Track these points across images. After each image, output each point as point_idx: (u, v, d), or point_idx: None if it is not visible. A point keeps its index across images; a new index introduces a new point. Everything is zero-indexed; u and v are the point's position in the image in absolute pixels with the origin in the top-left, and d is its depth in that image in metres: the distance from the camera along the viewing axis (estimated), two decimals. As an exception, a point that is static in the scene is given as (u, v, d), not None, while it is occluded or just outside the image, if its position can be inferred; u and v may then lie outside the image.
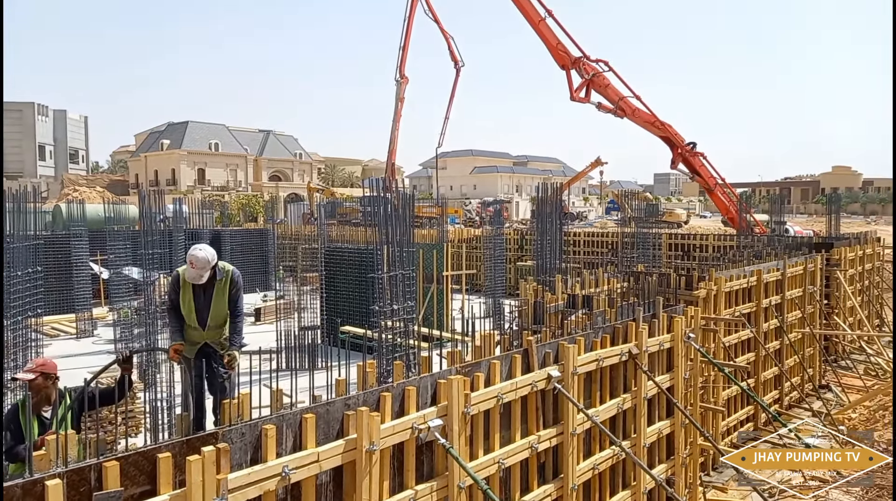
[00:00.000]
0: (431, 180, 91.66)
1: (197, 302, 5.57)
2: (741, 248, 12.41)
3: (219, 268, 5.65)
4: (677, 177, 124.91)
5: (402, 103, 43.68)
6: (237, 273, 5.75)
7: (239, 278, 5.74)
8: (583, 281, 7.24)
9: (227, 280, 5.66)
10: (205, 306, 5.57)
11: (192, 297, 5.56)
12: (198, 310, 5.57)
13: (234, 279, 5.69)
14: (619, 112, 19.74)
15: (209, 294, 5.59)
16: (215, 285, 5.59)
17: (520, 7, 19.32)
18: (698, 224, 50.94)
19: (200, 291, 5.58)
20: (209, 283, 5.58)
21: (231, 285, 5.67)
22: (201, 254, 5.41)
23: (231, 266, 5.81)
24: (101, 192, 57.86)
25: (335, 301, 12.79)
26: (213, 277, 5.60)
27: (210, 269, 5.48)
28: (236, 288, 5.69)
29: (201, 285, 5.56)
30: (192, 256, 5.40)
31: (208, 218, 20.81)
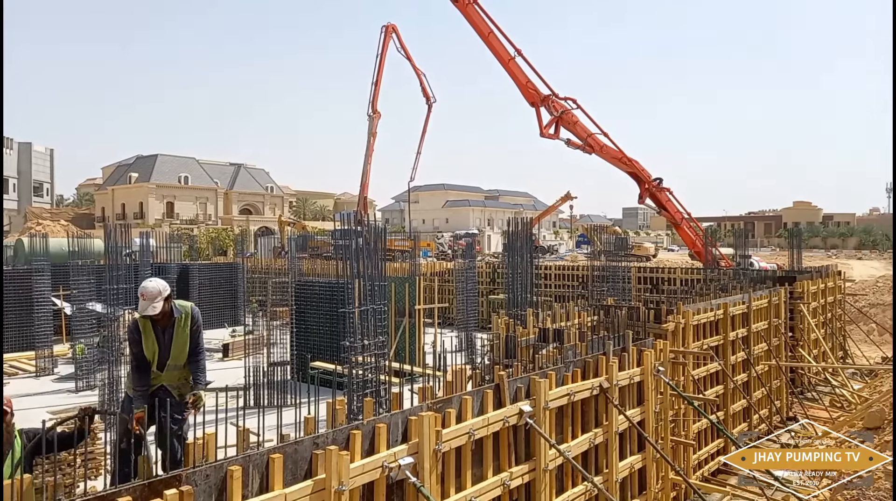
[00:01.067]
0: (404, 214, 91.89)
1: (160, 342, 5.40)
2: (708, 281, 12.63)
3: (176, 306, 5.48)
4: (645, 211, 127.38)
5: (374, 138, 44.06)
6: (196, 309, 5.60)
7: (198, 314, 5.58)
8: (554, 315, 7.28)
9: (187, 317, 5.49)
10: (165, 346, 5.41)
11: (154, 338, 5.39)
12: (161, 350, 5.41)
13: (193, 316, 5.53)
14: (587, 148, 20.15)
15: (169, 334, 5.43)
16: (175, 324, 5.44)
17: (490, 46, 19.76)
18: (666, 258, 51.82)
19: (160, 332, 5.41)
20: (168, 322, 5.43)
21: (192, 322, 5.51)
22: (151, 285, 5.25)
23: (189, 303, 5.65)
24: (66, 225, 56.61)
25: (305, 336, 12.62)
26: (171, 315, 5.44)
27: (162, 300, 5.28)
28: (196, 325, 5.53)
29: (161, 326, 5.40)
30: (142, 287, 5.23)
31: (176, 252, 20.50)
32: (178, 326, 5.42)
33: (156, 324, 5.39)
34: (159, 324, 5.40)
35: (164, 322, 5.40)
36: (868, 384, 11.21)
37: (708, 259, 18.30)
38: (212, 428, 3.18)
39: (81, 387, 11.70)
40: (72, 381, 12.02)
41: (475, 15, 19.45)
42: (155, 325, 5.39)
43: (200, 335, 5.52)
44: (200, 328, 5.53)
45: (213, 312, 19.65)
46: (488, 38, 19.69)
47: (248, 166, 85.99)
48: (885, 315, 19.29)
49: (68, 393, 11.49)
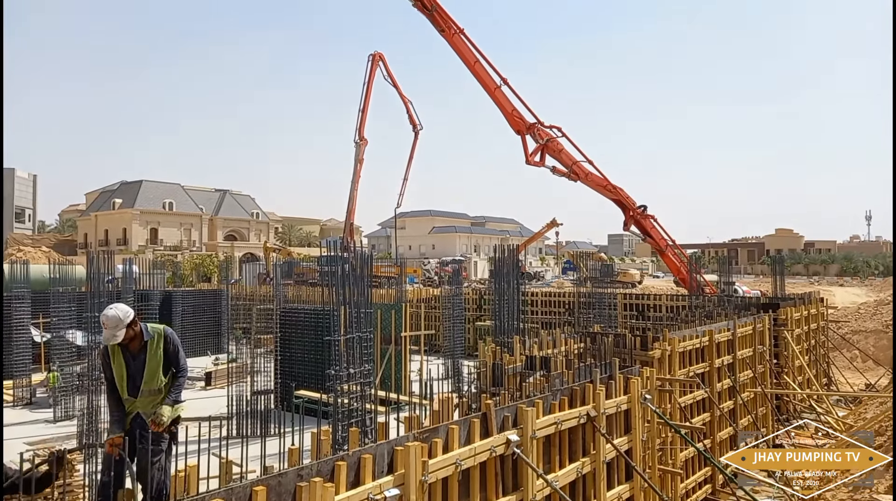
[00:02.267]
0: (390, 240, 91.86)
1: (128, 368, 5.24)
2: (693, 308, 12.72)
3: (147, 329, 5.35)
4: (630, 238, 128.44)
5: (361, 164, 44.27)
6: (169, 330, 5.41)
7: (172, 334, 5.39)
8: (541, 342, 7.27)
9: (159, 339, 5.32)
10: (137, 372, 5.25)
11: (122, 363, 5.23)
12: (129, 377, 5.25)
13: (167, 336, 5.33)
14: (572, 176, 20.36)
15: (141, 359, 5.28)
16: (147, 349, 5.31)
17: (476, 75, 20.03)
18: (651, 284, 52.12)
19: (130, 357, 5.27)
20: (140, 348, 5.30)
21: (165, 343, 5.34)
22: (111, 312, 5.05)
23: (161, 325, 5.51)
24: (47, 252, 55.89)
25: (290, 364, 12.48)
26: (142, 338, 5.31)
27: (125, 327, 5.14)
28: (172, 345, 5.35)
29: (131, 351, 5.27)
30: (102, 315, 5.07)
31: (159, 278, 20.27)
32: (150, 349, 5.27)
33: (126, 349, 5.26)
34: (130, 348, 5.26)
35: (135, 346, 5.26)
36: (853, 411, 11.25)
37: (693, 286, 18.44)
38: (194, 459, 3.11)
39: (59, 416, 11.45)
40: (49, 410, 11.76)
41: (462, 45, 19.74)
42: (125, 350, 5.25)
43: (179, 354, 5.34)
44: (178, 348, 5.35)
45: (196, 339, 19.39)
46: (474, 68, 19.97)
47: (233, 193, 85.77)
48: (867, 342, 19.47)
49: (46, 423, 11.23)
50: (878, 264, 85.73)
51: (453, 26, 19.55)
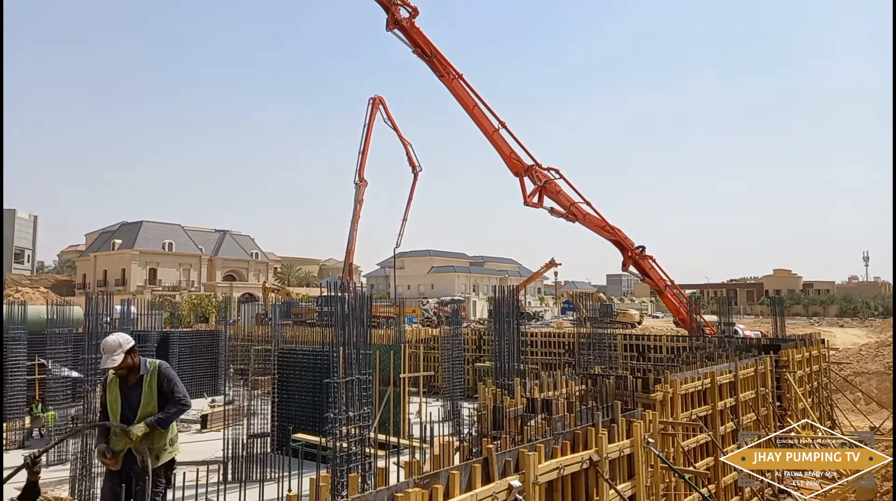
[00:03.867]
0: (389, 280, 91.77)
1: (123, 400, 5.20)
2: (694, 349, 12.65)
3: (145, 364, 5.34)
4: (629, 278, 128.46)
5: (360, 205, 44.56)
6: (165, 365, 5.38)
7: (167, 369, 5.35)
8: (542, 384, 7.21)
9: (154, 374, 5.29)
10: (131, 406, 5.20)
11: (118, 395, 5.20)
12: (123, 411, 5.20)
13: (161, 371, 5.30)
14: (570, 217, 20.50)
15: (137, 394, 5.24)
16: (142, 383, 5.27)
17: (475, 119, 20.35)
18: (651, 325, 51.92)
19: (127, 389, 5.25)
20: (136, 381, 5.27)
21: (159, 379, 5.29)
22: (111, 337, 5.14)
23: (157, 360, 5.49)
24: (45, 293, 55.73)
25: (287, 407, 12.32)
26: (139, 371, 5.29)
27: (123, 353, 5.13)
28: (167, 379, 5.29)
29: (128, 384, 5.25)
30: (102, 341, 5.15)
31: (157, 319, 20.18)
32: (145, 385, 5.24)
33: (124, 381, 5.23)
34: (128, 381, 5.24)
35: (132, 379, 5.24)
36: (858, 455, 11.08)
37: (693, 327, 18.37)
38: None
39: (53, 460, 11.25)
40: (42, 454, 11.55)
41: (460, 89, 20.12)
42: (123, 382, 5.23)
43: (175, 387, 5.26)
44: (172, 382, 5.27)
45: (193, 381, 19.19)
46: (473, 111, 20.30)
47: (233, 233, 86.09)
48: (870, 384, 19.30)
49: (38, 468, 11.01)
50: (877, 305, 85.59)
51: (452, 72, 19.95)
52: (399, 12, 19.15)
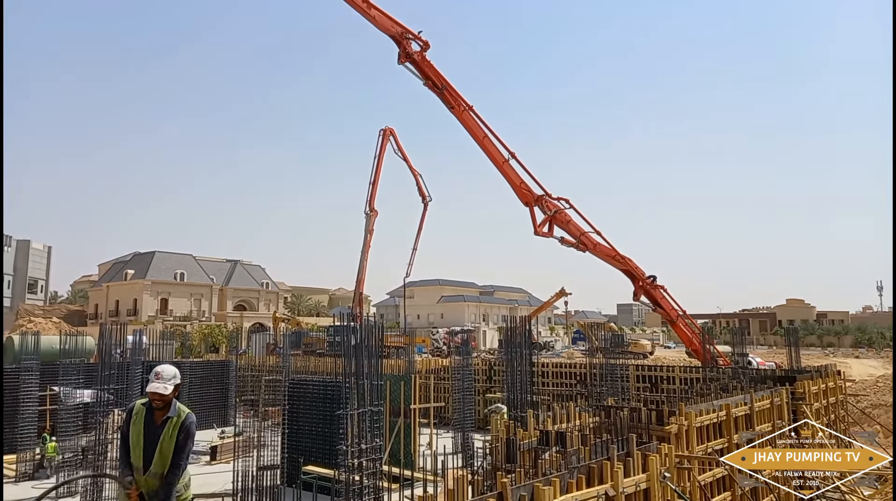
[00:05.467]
0: (399, 309, 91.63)
1: (146, 435, 5.20)
2: (708, 380, 12.50)
3: (175, 405, 5.35)
4: (640, 308, 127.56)
5: (371, 235, 44.78)
6: (191, 419, 5.35)
7: (192, 425, 5.32)
8: (554, 415, 7.14)
9: (178, 424, 5.27)
10: (152, 442, 5.21)
11: (141, 431, 5.22)
12: (145, 446, 5.20)
13: (185, 424, 5.28)
14: (581, 246, 20.50)
15: (159, 432, 5.24)
16: (167, 424, 5.27)
17: (485, 149, 20.53)
18: (663, 355, 51.34)
19: (151, 426, 5.25)
20: (162, 421, 5.27)
21: (179, 430, 5.28)
22: (168, 366, 5.32)
23: (188, 410, 5.44)
24: (58, 323, 56.07)
25: (297, 438, 12.23)
26: (167, 410, 5.29)
27: (173, 385, 5.22)
28: (186, 435, 5.24)
29: (154, 422, 5.25)
30: (158, 368, 5.26)
31: (168, 349, 20.22)
32: (168, 427, 5.24)
33: (150, 418, 5.24)
34: (154, 418, 5.25)
35: (160, 416, 5.26)
36: (878, 491, 10.83)
37: (706, 357, 18.17)
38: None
39: (62, 493, 11.18)
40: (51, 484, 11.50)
41: (471, 121, 20.34)
42: (149, 419, 5.24)
43: (185, 448, 5.20)
44: (187, 441, 5.23)
45: (202, 411, 19.12)
46: (483, 142, 20.49)
47: (244, 263, 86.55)
48: (888, 416, 18.92)
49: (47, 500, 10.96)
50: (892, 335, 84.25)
51: (462, 104, 20.20)
52: (410, 46, 19.50)
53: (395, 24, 19.35)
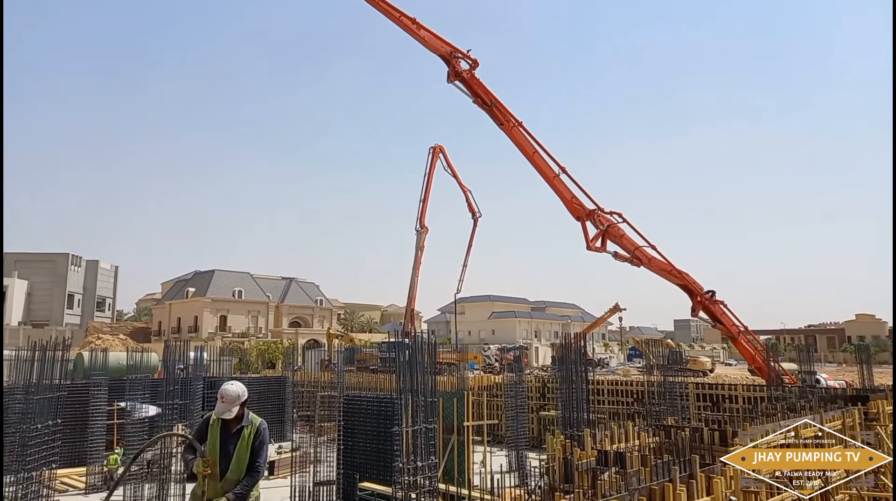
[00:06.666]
0: (450, 325, 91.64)
1: (222, 447, 5.40)
2: (773, 400, 12.01)
3: (247, 415, 5.55)
4: (698, 324, 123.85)
5: (421, 251, 45.14)
6: (264, 425, 5.60)
7: (265, 431, 5.56)
8: (612, 435, 6.98)
9: (253, 430, 5.51)
10: (228, 450, 5.40)
11: (217, 438, 5.41)
12: (221, 454, 5.39)
13: (258, 430, 5.53)
14: (635, 261, 20.11)
15: (233, 443, 5.43)
16: (241, 434, 5.46)
17: (535, 165, 20.46)
18: (724, 372, 49.60)
19: (226, 435, 5.44)
20: (236, 431, 5.45)
21: (255, 437, 5.51)
22: (231, 388, 5.41)
23: (259, 418, 5.69)
24: (124, 339, 58.48)
25: (352, 454, 12.30)
26: (240, 421, 5.48)
27: (239, 406, 5.39)
28: (259, 440, 5.50)
29: (228, 431, 5.44)
30: (222, 389, 5.40)
31: (227, 365, 20.79)
32: (243, 437, 5.43)
33: (225, 427, 5.44)
34: (229, 427, 5.45)
35: (233, 427, 5.45)
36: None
37: (770, 375, 17.46)
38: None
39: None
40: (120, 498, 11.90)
41: (520, 137, 20.33)
42: (224, 427, 5.44)
43: (261, 452, 5.46)
44: (262, 445, 5.49)
45: (260, 427, 19.51)
46: (533, 158, 20.43)
47: (299, 280, 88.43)
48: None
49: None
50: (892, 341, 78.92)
51: (512, 120, 20.22)
52: (459, 64, 19.69)
53: (444, 43, 19.60)
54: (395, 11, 19.41)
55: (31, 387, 7.77)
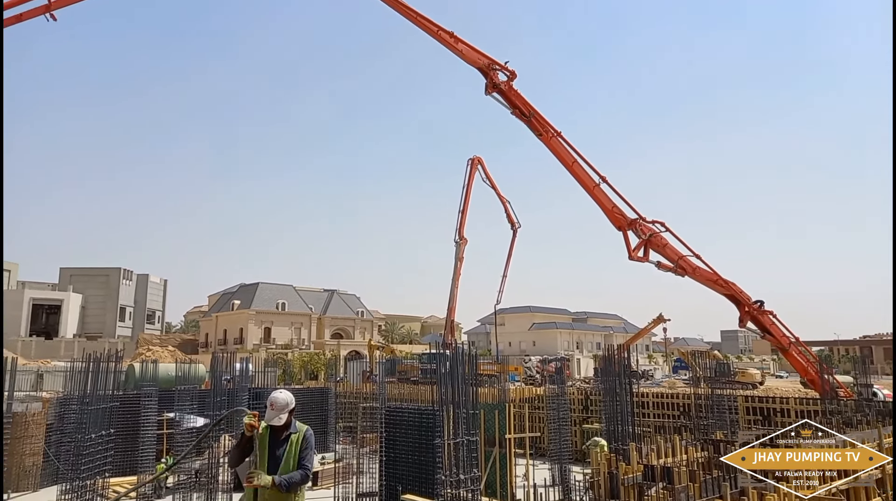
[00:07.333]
0: (490, 336, 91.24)
1: (271, 453, 5.54)
2: (828, 414, 11.57)
3: (294, 423, 5.70)
4: (745, 334, 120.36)
5: (461, 263, 45.15)
6: (310, 432, 5.75)
7: (311, 437, 5.72)
8: (658, 449, 6.83)
9: (300, 436, 5.67)
10: (274, 460, 5.54)
11: (266, 445, 5.57)
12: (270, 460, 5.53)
13: (305, 437, 5.68)
14: (679, 271, 19.71)
15: (281, 450, 5.58)
16: (289, 439, 5.61)
17: (574, 175, 20.31)
18: (775, 385, 47.99)
19: (275, 442, 5.59)
20: (283, 438, 5.59)
21: (302, 443, 5.65)
22: (281, 396, 5.59)
23: (305, 425, 5.83)
24: (173, 351, 60.06)
25: (395, 466, 12.32)
26: (288, 428, 5.62)
27: (287, 412, 5.55)
28: (307, 445, 5.65)
29: (277, 438, 5.59)
30: (272, 397, 5.58)
31: (272, 376, 21.10)
32: (290, 442, 5.59)
33: (274, 434, 5.59)
34: (277, 435, 5.59)
35: (280, 434, 5.59)
36: None
37: (824, 389, 16.82)
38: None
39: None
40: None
41: (559, 147, 20.22)
42: (273, 435, 5.58)
43: (307, 455, 5.58)
44: (308, 449, 5.61)
45: (304, 438, 19.71)
46: (572, 167, 20.28)
47: (340, 292, 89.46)
48: None
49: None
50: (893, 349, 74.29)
51: (551, 130, 20.14)
52: (497, 76, 19.74)
53: (481, 56, 19.68)
54: (432, 26, 19.61)
55: (86, 398, 8.03)
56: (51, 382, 38.83)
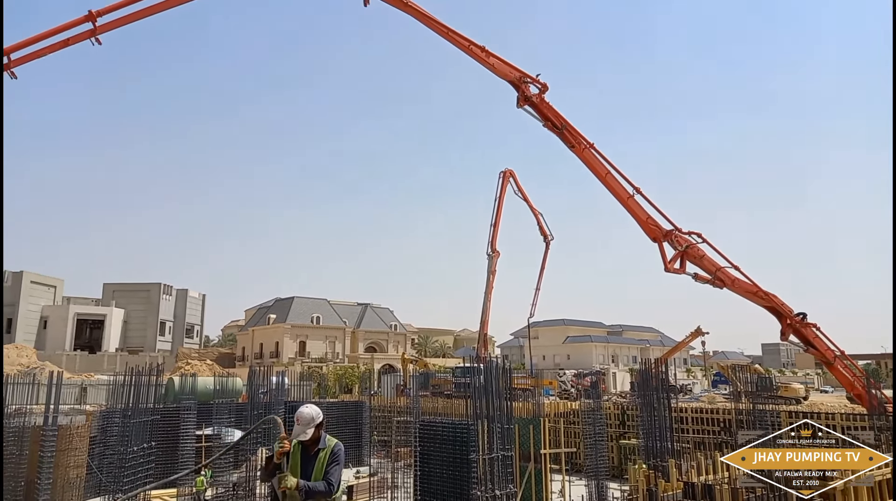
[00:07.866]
0: (523, 350, 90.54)
1: (303, 470, 5.58)
2: (876, 430, 11.16)
3: (324, 438, 5.73)
4: (788, 348, 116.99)
5: (493, 276, 44.96)
6: (340, 447, 5.77)
7: (340, 452, 5.72)
8: (698, 466, 6.68)
9: (328, 452, 5.69)
10: (307, 471, 5.58)
11: (298, 461, 5.61)
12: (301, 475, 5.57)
13: (334, 451, 5.71)
14: (717, 283, 19.29)
15: (311, 465, 5.61)
16: (318, 456, 5.64)
17: (608, 186, 20.11)
18: (819, 400, 46.41)
19: (306, 457, 5.63)
20: (314, 453, 5.63)
21: (329, 458, 5.67)
22: (306, 411, 5.62)
23: (336, 440, 5.86)
24: (211, 365, 61.06)
25: (429, 480, 12.26)
26: (318, 443, 5.65)
27: (314, 427, 5.57)
28: (334, 460, 5.65)
29: (307, 453, 5.63)
30: (298, 412, 5.62)
31: (307, 390, 21.30)
32: (319, 459, 5.61)
33: (305, 449, 5.63)
34: (308, 450, 5.64)
35: (311, 449, 5.64)
36: None
37: (871, 404, 16.23)
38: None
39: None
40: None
41: (592, 159, 20.07)
42: (304, 450, 5.63)
43: (333, 469, 5.57)
44: (336, 463, 5.61)
45: (338, 451, 19.79)
46: (606, 179, 20.08)
47: (374, 306, 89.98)
48: None
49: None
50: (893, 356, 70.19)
51: (583, 142, 20.01)
52: (529, 89, 19.74)
53: (512, 69, 19.72)
54: (464, 41, 19.74)
55: (128, 411, 8.23)
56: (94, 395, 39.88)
